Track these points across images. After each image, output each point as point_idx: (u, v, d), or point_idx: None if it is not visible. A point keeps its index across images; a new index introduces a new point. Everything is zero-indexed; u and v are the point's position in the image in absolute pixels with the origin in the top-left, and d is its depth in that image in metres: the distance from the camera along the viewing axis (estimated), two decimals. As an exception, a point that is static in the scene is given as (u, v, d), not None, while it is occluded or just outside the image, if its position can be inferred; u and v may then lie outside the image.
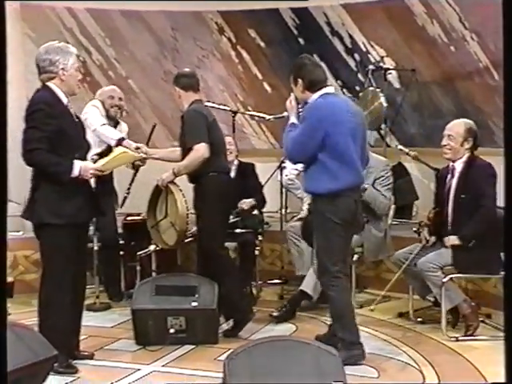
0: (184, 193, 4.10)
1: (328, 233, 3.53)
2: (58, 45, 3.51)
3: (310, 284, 4.44)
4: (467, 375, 3.41)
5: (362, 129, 3.66)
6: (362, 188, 4.49)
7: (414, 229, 4.24)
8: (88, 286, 4.49)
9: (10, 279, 5.10)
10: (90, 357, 3.68)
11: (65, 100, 3.49)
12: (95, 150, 4.28)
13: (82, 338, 3.81)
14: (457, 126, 4.15)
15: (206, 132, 4.04)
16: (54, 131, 3.36)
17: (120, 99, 4.88)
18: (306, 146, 3.50)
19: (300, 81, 3.58)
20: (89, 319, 4.31)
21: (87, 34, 6.04)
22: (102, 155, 4.03)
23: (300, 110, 3.85)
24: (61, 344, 3.17)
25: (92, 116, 4.65)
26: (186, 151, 4.07)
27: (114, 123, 4.82)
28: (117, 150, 3.74)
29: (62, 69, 3.43)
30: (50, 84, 3.46)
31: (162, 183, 4.12)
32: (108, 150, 4.35)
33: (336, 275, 3.54)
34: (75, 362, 3.55)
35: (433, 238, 4.15)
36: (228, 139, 5.02)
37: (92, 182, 3.60)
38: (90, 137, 3.86)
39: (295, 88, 3.62)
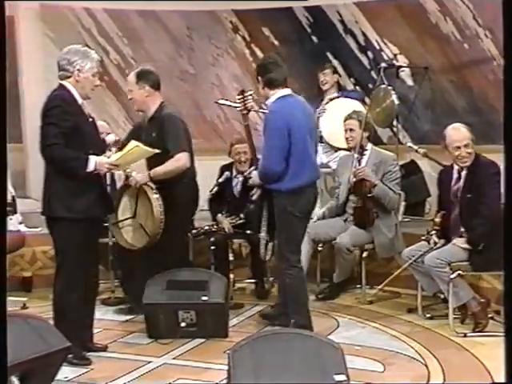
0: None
1: (289, 225, 3.83)
2: (80, 48, 3.64)
3: None
4: (473, 370, 3.45)
5: (315, 127, 4.03)
6: (370, 184, 4.58)
7: (423, 238, 4.22)
8: (103, 281, 4.63)
9: (28, 274, 5.24)
10: (104, 349, 3.79)
11: (79, 100, 3.59)
12: None
13: (96, 331, 3.93)
14: (465, 133, 4.13)
15: (186, 140, 4.11)
16: (69, 127, 3.47)
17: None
18: (281, 148, 3.70)
19: (260, 79, 3.84)
20: (104, 313, 4.45)
21: (105, 34, 6.14)
22: None
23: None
24: (74, 336, 3.28)
25: None
26: (165, 157, 4.01)
27: None
28: (130, 145, 3.76)
29: (78, 70, 3.55)
30: (65, 83, 3.58)
31: (136, 185, 4.03)
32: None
33: (294, 264, 3.87)
34: (89, 354, 3.66)
35: (442, 241, 4.16)
36: (243, 148, 4.90)
37: (108, 178, 3.70)
38: None
39: (258, 85, 3.88)
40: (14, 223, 5.21)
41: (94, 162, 3.51)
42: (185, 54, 6.23)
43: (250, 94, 4.01)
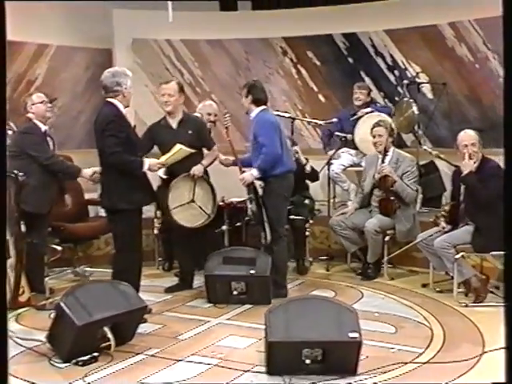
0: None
1: (278, 204, 4.24)
2: (120, 69, 3.79)
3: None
4: (468, 332, 3.55)
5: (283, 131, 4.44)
6: (392, 179, 4.70)
7: (431, 219, 4.34)
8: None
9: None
10: (148, 311, 3.76)
11: (124, 111, 3.72)
12: None
13: (168, 296, 4.29)
14: (473, 135, 4.14)
15: None
16: (124, 137, 3.64)
17: (215, 115, 5.05)
18: (277, 136, 4.17)
19: (250, 96, 4.26)
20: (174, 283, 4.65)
21: (181, 59, 6.43)
22: None
23: None
24: None
25: None
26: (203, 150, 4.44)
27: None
28: (175, 148, 3.99)
29: (125, 88, 3.66)
30: (112, 100, 3.66)
31: (198, 174, 4.28)
32: None
33: (281, 235, 4.27)
34: (165, 313, 3.95)
35: (449, 227, 4.23)
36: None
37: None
38: None
39: (245, 99, 4.31)
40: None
41: (147, 163, 3.71)
42: (243, 73, 6.45)
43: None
